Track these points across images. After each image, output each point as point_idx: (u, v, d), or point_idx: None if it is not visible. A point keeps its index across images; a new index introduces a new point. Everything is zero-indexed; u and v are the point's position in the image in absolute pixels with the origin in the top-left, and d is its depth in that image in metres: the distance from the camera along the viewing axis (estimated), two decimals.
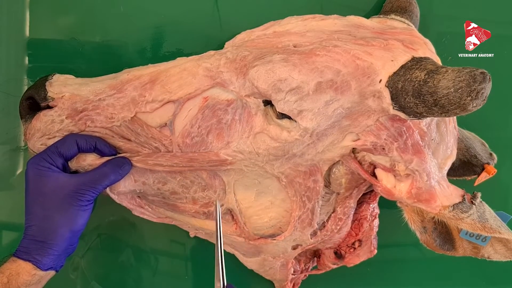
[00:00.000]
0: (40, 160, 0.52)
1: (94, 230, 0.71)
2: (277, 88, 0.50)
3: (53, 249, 0.51)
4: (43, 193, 0.51)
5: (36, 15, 0.65)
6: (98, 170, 0.54)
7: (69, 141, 0.54)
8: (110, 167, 0.54)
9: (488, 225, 0.52)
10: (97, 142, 0.55)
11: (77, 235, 0.54)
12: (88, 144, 0.54)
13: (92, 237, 0.71)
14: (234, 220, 0.61)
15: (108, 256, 0.72)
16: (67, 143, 0.53)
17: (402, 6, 0.62)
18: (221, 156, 0.54)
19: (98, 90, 0.55)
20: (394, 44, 0.50)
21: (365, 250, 0.67)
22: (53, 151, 0.53)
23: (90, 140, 0.54)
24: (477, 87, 0.42)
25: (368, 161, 0.56)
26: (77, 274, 0.72)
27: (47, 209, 0.51)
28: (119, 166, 0.54)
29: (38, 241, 0.51)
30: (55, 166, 0.52)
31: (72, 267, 0.71)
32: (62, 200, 0.51)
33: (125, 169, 0.55)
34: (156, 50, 0.67)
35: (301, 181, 0.56)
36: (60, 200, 0.51)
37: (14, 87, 0.66)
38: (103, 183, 0.53)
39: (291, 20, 0.58)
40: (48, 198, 0.51)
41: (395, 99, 0.48)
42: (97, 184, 0.53)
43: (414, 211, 0.58)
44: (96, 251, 0.72)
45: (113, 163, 0.54)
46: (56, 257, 0.52)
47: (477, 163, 0.64)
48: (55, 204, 0.51)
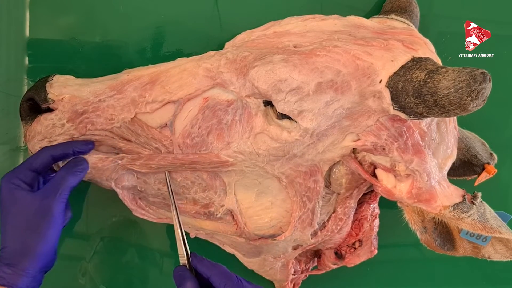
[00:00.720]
0: (12, 177, 0.51)
1: (97, 233, 0.71)
2: (277, 89, 0.50)
3: (26, 271, 0.49)
4: (12, 213, 0.50)
5: (36, 15, 0.65)
6: (55, 178, 0.52)
7: (43, 156, 0.53)
8: (65, 171, 0.52)
9: (489, 225, 0.52)
10: (74, 147, 0.54)
11: (52, 252, 0.52)
12: (64, 154, 0.53)
13: (96, 240, 0.71)
14: (234, 220, 0.61)
15: (113, 259, 0.73)
16: (40, 158, 0.52)
17: (402, 6, 0.62)
18: (221, 158, 0.54)
19: (98, 91, 0.55)
20: (394, 44, 0.50)
21: (366, 250, 0.67)
22: (26, 167, 0.52)
23: (65, 149, 0.54)
24: (478, 87, 0.42)
25: (368, 161, 0.56)
26: (86, 280, 0.72)
27: (17, 230, 0.50)
28: (74, 166, 0.53)
29: (11, 265, 0.49)
30: (25, 183, 0.51)
31: (80, 272, 0.71)
32: (29, 219, 0.50)
33: (82, 168, 0.53)
34: (156, 50, 0.67)
35: (301, 181, 0.56)
36: (27, 220, 0.50)
37: (14, 87, 0.66)
38: (64, 190, 0.51)
39: (291, 20, 0.58)
40: (17, 219, 0.50)
41: (395, 99, 0.48)
42: (59, 193, 0.51)
43: (415, 211, 0.58)
44: (102, 254, 0.72)
45: (68, 166, 0.53)
46: (31, 278, 0.50)
47: (477, 163, 0.64)
48: (24, 225, 0.50)
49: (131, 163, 0.56)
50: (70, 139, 0.55)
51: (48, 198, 0.50)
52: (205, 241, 0.70)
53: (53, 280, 0.69)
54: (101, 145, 0.57)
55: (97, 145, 0.57)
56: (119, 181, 0.58)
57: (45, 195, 0.50)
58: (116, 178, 0.58)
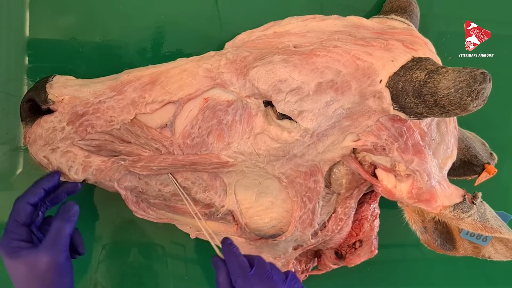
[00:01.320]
0: (8, 241, 0.51)
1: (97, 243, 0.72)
2: (277, 89, 0.50)
3: None
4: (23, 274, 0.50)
5: (36, 15, 0.65)
6: (52, 230, 0.52)
7: (21, 207, 0.52)
8: (60, 220, 0.53)
9: (489, 225, 0.52)
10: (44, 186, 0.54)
11: None
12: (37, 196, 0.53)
13: (98, 250, 0.72)
14: (235, 221, 0.61)
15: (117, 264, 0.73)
16: (20, 210, 0.52)
17: (402, 6, 0.62)
18: (222, 158, 0.54)
19: (98, 91, 0.55)
20: (394, 44, 0.50)
21: (366, 250, 0.67)
22: (14, 225, 0.52)
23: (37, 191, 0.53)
24: (478, 87, 0.42)
25: (368, 161, 0.56)
26: None
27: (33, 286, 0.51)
28: (67, 213, 0.53)
29: None
30: (24, 240, 0.51)
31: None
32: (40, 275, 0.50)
33: (73, 213, 0.54)
34: (156, 50, 0.67)
35: (301, 182, 0.56)
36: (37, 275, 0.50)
37: (14, 87, 0.65)
38: (64, 239, 0.52)
39: (291, 20, 0.58)
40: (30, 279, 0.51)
41: (396, 100, 0.48)
42: (60, 243, 0.51)
43: (415, 211, 0.58)
44: (106, 262, 0.72)
45: (61, 214, 0.53)
46: None
47: (477, 163, 0.64)
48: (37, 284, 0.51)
49: (133, 165, 0.56)
50: (70, 144, 0.55)
51: (51, 252, 0.51)
52: (206, 242, 0.69)
53: None
54: (101, 150, 0.57)
55: (97, 150, 0.57)
56: (121, 181, 0.58)
57: (48, 249, 0.51)
58: (119, 179, 0.58)
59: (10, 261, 0.50)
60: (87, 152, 0.56)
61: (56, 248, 0.51)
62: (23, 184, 0.67)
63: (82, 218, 0.69)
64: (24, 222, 0.52)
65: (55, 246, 0.51)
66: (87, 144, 0.56)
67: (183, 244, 0.73)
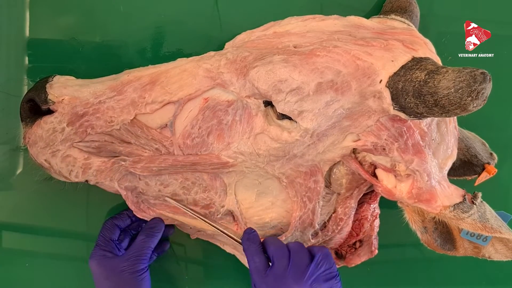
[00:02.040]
0: (98, 251, 0.60)
1: None
2: (277, 89, 0.50)
3: None
4: (106, 276, 0.59)
5: (36, 15, 0.65)
6: (136, 242, 0.61)
7: (110, 225, 0.63)
8: (144, 235, 0.61)
9: (489, 225, 0.52)
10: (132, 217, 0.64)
11: None
12: (124, 221, 0.64)
13: None
14: (235, 221, 0.61)
15: None
16: (108, 228, 0.62)
17: (402, 6, 0.62)
18: (222, 159, 0.54)
19: (98, 91, 0.55)
20: (394, 44, 0.50)
21: (366, 250, 0.67)
22: (103, 240, 0.61)
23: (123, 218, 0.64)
24: (478, 87, 0.42)
25: (368, 161, 0.56)
26: None
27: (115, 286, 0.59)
28: (152, 228, 0.61)
29: None
30: (109, 252, 0.60)
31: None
32: (120, 275, 0.59)
33: (158, 229, 0.62)
34: (156, 50, 0.67)
35: (301, 182, 0.56)
36: (118, 275, 0.59)
37: (14, 87, 0.65)
38: (146, 250, 0.60)
39: (291, 20, 0.58)
40: (110, 279, 0.58)
41: (396, 100, 0.48)
42: (142, 254, 0.60)
43: (415, 211, 0.58)
44: None
45: (146, 229, 0.62)
46: None
47: (477, 163, 0.64)
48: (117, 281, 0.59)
49: (133, 166, 0.56)
50: (70, 146, 0.56)
51: (133, 260, 0.59)
52: (206, 242, 0.70)
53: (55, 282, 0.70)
54: (100, 152, 0.57)
55: (97, 152, 0.57)
56: (122, 181, 0.58)
57: (130, 258, 0.59)
58: (120, 179, 0.58)
59: (98, 268, 0.59)
60: (87, 154, 0.56)
61: (138, 258, 0.59)
62: (23, 184, 0.67)
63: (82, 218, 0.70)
64: (110, 238, 0.61)
65: (137, 256, 0.60)
66: (87, 145, 0.56)
67: (183, 244, 0.73)
